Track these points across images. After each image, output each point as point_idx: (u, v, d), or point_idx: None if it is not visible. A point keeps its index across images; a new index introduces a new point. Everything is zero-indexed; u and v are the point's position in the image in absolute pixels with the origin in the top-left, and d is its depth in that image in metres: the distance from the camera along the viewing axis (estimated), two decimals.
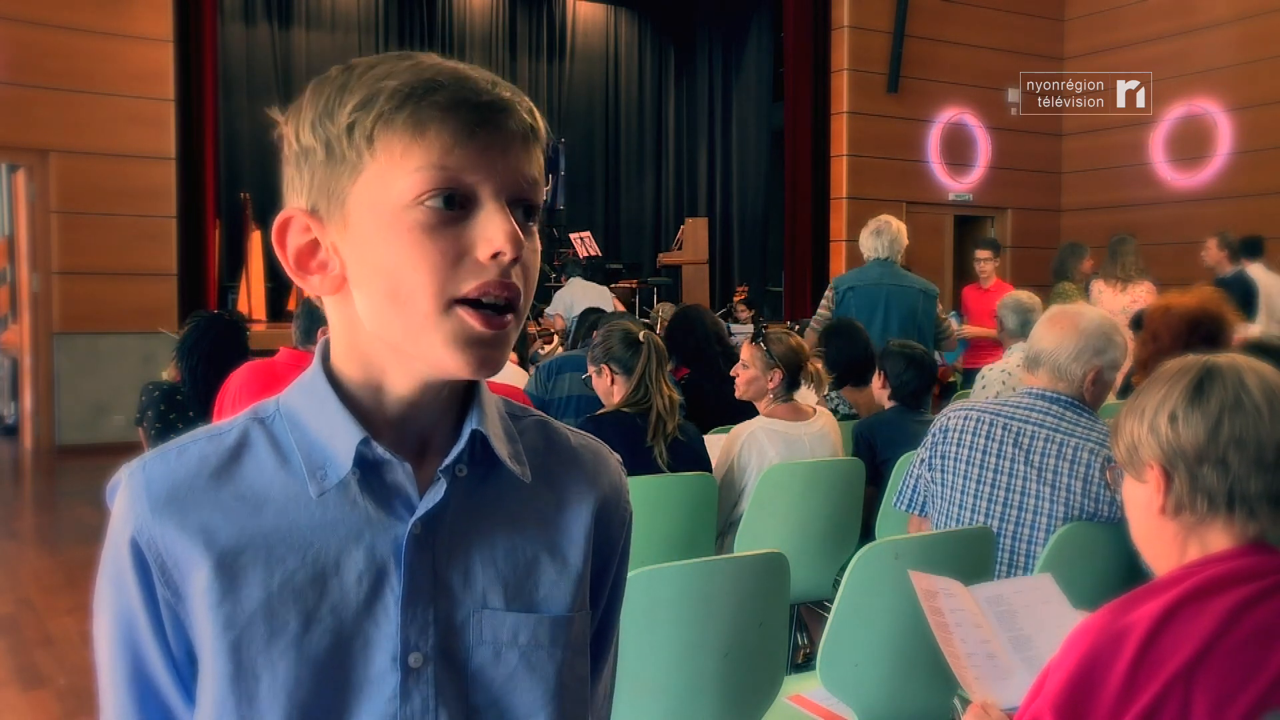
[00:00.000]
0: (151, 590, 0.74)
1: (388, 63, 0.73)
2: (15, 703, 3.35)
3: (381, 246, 0.72)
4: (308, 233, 0.75)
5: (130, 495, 0.74)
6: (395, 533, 0.75)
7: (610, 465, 0.88)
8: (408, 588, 0.74)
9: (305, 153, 0.74)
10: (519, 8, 13.34)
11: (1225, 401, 1.15)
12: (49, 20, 7.79)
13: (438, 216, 0.71)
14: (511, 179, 0.73)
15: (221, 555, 0.72)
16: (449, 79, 0.72)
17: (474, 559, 0.77)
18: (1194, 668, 1.04)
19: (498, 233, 0.71)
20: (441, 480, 0.75)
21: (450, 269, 0.71)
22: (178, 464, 0.75)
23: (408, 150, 0.71)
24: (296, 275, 0.76)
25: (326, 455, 0.75)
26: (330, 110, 0.72)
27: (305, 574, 0.73)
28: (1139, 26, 10.89)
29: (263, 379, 2.88)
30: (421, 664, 0.74)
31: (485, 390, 0.81)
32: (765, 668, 1.95)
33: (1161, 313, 2.73)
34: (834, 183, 10.86)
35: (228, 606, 0.72)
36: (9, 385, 8.86)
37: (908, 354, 3.39)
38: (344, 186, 0.73)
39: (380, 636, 0.74)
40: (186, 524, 0.73)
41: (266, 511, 0.74)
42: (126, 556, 0.74)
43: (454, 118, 0.71)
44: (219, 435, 0.77)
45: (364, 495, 0.75)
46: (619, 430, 2.73)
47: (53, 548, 5.43)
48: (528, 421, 0.85)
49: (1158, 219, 10.40)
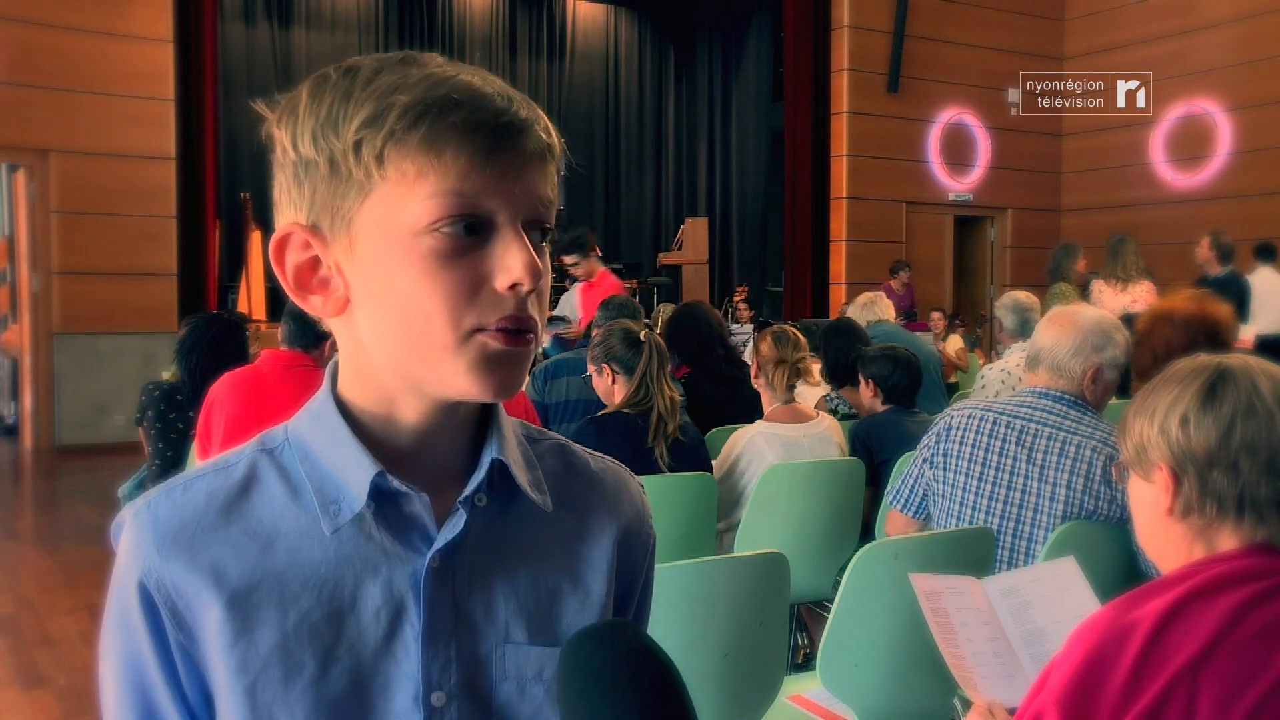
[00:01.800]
0: (162, 633, 0.70)
1: (393, 70, 0.69)
2: (15, 703, 3.35)
3: (392, 273, 0.68)
4: (308, 249, 0.71)
5: (136, 536, 0.71)
6: (413, 566, 0.72)
7: (632, 489, 0.85)
8: (428, 623, 0.71)
9: (305, 165, 0.69)
10: (519, 8, 13.34)
11: (1238, 406, 1.13)
12: (49, 20, 7.79)
13: (454, 244, 0.67)
14: (528, 202, 0.70)
15: (233, 595, 0.70)
16: (465, 96, 0.67)
17: (496, 591, 0.74)
18: (1199, 665, 1.04)
19: (516, 263, 0.68)
20: (461, 511, 0.72)
21: (467, 300, 0.68)
22: (184, 501, 0.72)
23: (422, 173, 0.67)
24: (295, 295, 0.73)
25: (339, 489, 0.72)
26: (334, 122, 0.68)
27: (321, 612, 0.70)
28: (1139, 26, 10.90)
29: (245, 388, 2.80)
30: (444, 703, 0.71)
31: (503, 414, 0.78)
32: (765, 668, 1.95)
33: (1164, 319, 2.69)
34: (834, 183, 10.86)
35: (241, 648, 0.69)
36: (9, 385, 8.87)
37: (891, 355, 3.40)
38: (350, 206, 0.69)
39: (400, 675, 0.71)
40: (196, 563, 0.70)
41: (278, 548, 0.71)
42: (134, 599, 0.70)
43: (471, 140, 0.67)
44: (225, 469, 0.74)
45: (379, 528, 0.72)
46: (620, 431, 2.72)
47: (53, 548, 5.42)
48: (546, 445, 0.82)
49: (1158, 219, 10.41)
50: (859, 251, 10.84)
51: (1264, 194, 9.80)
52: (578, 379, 3.49)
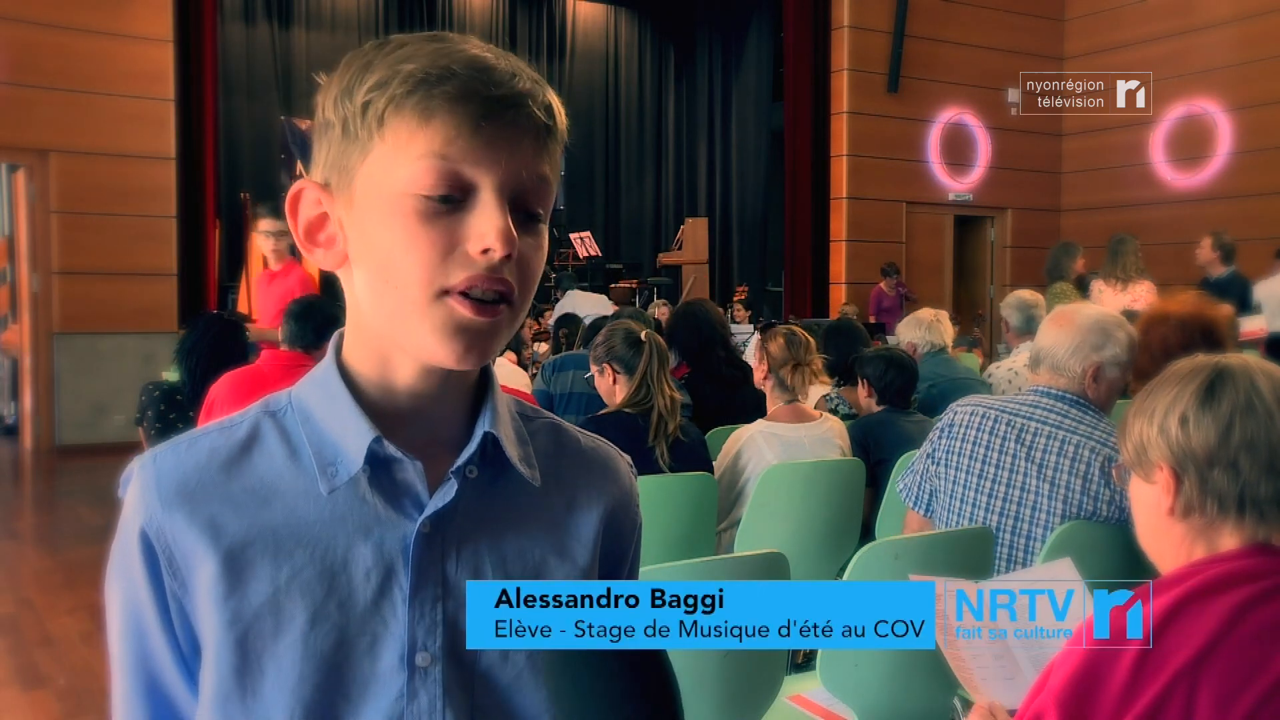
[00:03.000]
0: (160, 581, 0.74)
1: (415, 44, 0.73)
2: (15, 703, 3.35)
3: (380, 228, 0.72)
4: (318, 205, 0.76)
5: (141, 487, 0.75)
6: (404, 531, 0.75)
7: (621, 470, 0.88)
8: (415, 586, 0.74)
9: (326, 126, 0.75)
10: (519, 8, 13.35)
11: (1237, 404, 1.14)
12: (49, 20, 7.79)
13: (433, 206, 0.70)
14: (514, 176, 0.72)
15: (229, 549, 0.73)
16: (465, 67, 0.71)
17: (483, 560, 0.77)
18: (1199, 665, 1.04)
19: (489, 229, 0.70)
20: (452, 480, 0.75)
21: (441, 260, 0.70)
22: (188, 456, 0.75)
23: (413, 136, 0.70)
24: (304, 246, 0.77)
25: (337, 452, 0.75)
26: (351, 88, 0.73)
27: (313, 569, 0.73)
28: (1139, 26, 10.90)
29: (245, 388, 2.81)
30: (429, 663, 0.74)
31: (499, 390, 0.81)
32: (765, 668, 1.95)
33: (1161, 320, 2.69)
34: (834, 183, 10.86)
35: (234, 601, 0.72)
36: (9, 385, 8.86)
37: (885, 355, 3.40)
38: (353, 164, 0.73)
39: (388, 635, 0.74)
40: (195, 517, 0.73)
41: (275, 505, 0.74)
42: (136, 548, 0.74)
43: (461, 108, 0.70)
44: (230, 428, 0.77)
45: (373, 492, 0.75)
46: (620, 430, 2.73)
47: (53, 548, 5.42)
48: (540, 423, 0.85)
49: (1158, 219, 10.40)
50: (859, 251, 10.85)
51: (1264, 194, 9.80)
52: (583, 375, 3.56)
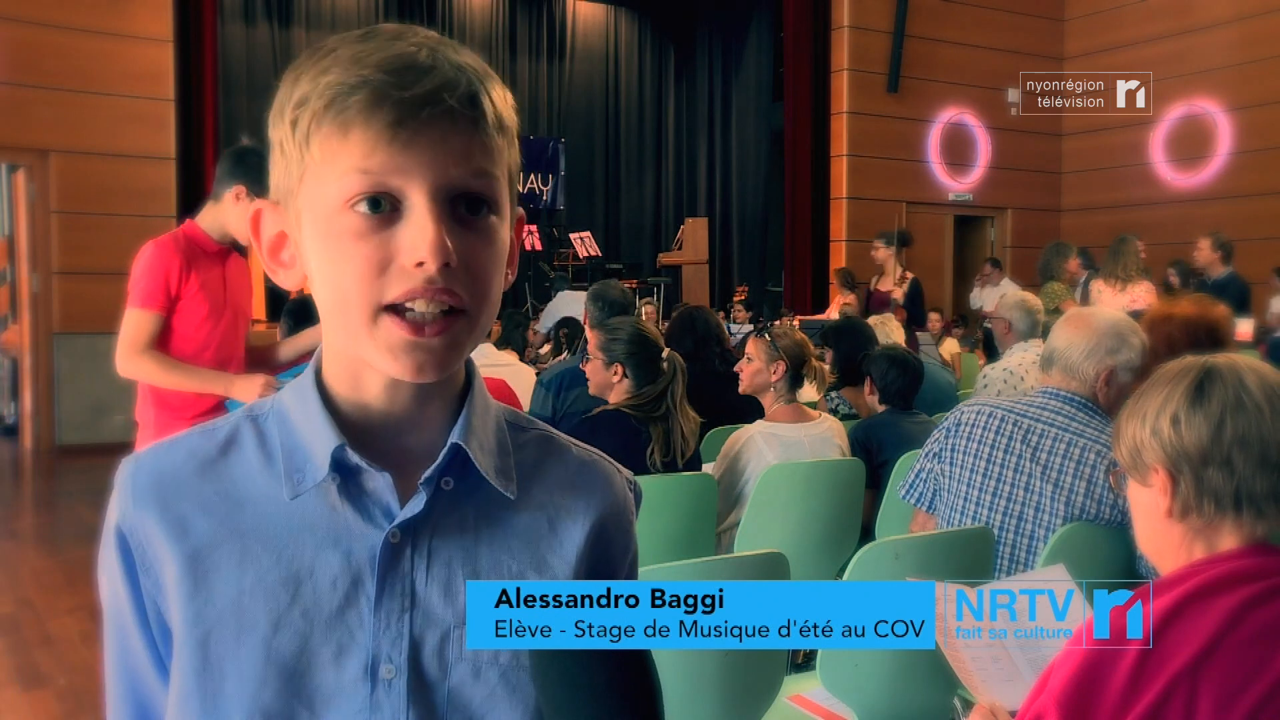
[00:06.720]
0: (135, 580, 0.74)
1: (343, 47, 0.70)
2: (15, 703, 3.35)
3: (322, 249, 0.70)
4: (276, 225, 0.75)
5: (120, 486, 0.75)
6: (373, 541, 0.73)
7: (614, 483, 0.84)
8: (380, 596, 0.73)
9: (271, 145, 0.73)
10: (519, 8, 13.35)
11: (1227, 402, 1.14)
12: (49, 20, 7.79)
13: (365, 223, 0.68)
14: (442, 175, 0.68)
15: (195, 550, 0.73)
16: (378, 70, 0.67)
17: (456, 573, 0.75)
18: (1199, 665, 1.04)
19: (421, 241, 0.67)
20: (422, 492, 0.74)
21: (376, 276, 0.68)
22: (167, 457, 0.76)
23: (335, 153, 0.68)
24: (268, 268, 0.76)
25: (306, 458, 0.74)
26: (282, 105, 0.71)
27: (278, 574, 0.72)
28: (1139, 26, 10.90)
29: None
30: (393, 676, 0.73)
31: (481, 401, 0.79)
32: (765, 668, 1.95)
33: (1163, 321, 2.69)
34: (834, 183, 10.86)
35: (199, 601, 0.72)
36: (9, 385, 8.86)
37: (890, 355, 3.40)
38: (293, 185, 0.71)
39: (354, 645, 0.72)
40: (165, 516, 0.73)
41: (245, 509, 0.74)
42: (114, 545, 0.75)
43: (376, 116, 0.67)
44: (211, 431, 0.77)
45: (344, 501, 0.74)
46: (615, 431, 2.73)
47: (53, 548, 5.43)
48: (531, 434, 0.83)
49: (1158, 219, 10.40)
50: (859, 251, 10.83)
51: (1264, 194, 9.80)
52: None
